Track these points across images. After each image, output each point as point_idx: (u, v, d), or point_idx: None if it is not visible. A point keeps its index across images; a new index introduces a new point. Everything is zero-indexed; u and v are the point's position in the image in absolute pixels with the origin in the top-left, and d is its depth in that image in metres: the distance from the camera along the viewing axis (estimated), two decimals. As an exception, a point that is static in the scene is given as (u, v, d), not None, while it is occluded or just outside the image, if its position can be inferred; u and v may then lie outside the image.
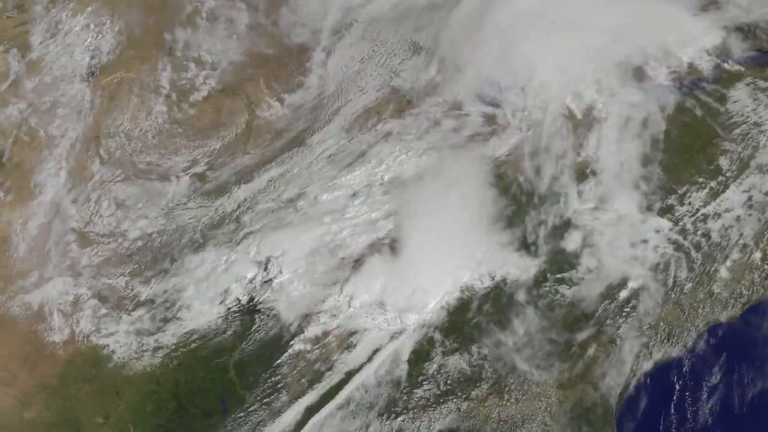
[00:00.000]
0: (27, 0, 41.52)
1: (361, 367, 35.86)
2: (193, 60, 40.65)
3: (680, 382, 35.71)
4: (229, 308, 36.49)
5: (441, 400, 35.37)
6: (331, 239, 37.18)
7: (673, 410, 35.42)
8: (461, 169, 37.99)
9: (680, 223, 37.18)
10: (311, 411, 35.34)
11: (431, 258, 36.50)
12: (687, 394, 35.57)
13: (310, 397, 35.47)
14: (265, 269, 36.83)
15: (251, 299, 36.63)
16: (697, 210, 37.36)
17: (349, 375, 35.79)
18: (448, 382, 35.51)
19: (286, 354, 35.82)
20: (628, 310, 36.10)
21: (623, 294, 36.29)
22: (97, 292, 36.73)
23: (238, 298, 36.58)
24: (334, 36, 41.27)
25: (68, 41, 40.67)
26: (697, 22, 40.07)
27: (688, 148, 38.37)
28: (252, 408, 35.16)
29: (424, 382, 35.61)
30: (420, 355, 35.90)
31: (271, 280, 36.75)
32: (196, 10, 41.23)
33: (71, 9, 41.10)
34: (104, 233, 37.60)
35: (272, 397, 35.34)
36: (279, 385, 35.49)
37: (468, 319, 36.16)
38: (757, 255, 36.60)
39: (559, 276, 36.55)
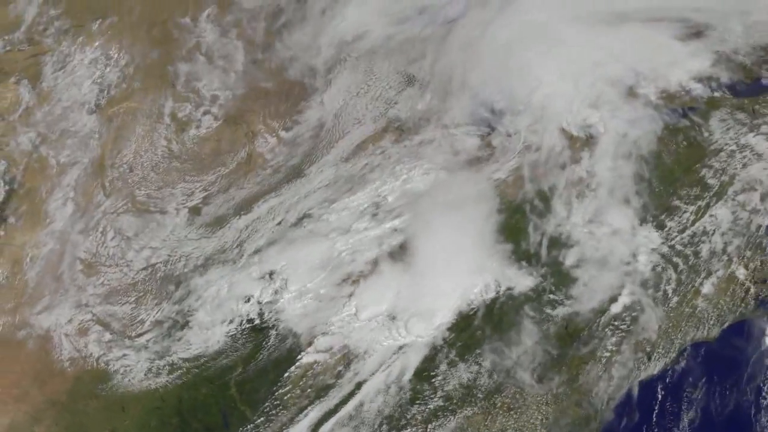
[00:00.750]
0: (37, 32, 43.18)
1: (366, 381, 36.72)
2: (194, 93, 41.99)
3: (662, 396, 36.81)
4: (236, 328, 37.62)
5: (442, 413, 36.21)
6: (337, 254, 38.28)
7: (654, 423, 36.61)
8: (464, 188, 39.24)
9: (669, 239, 38.43)
10: (314, 427, 36.21)
11: (438, 271, 37.50)
12: (668, 404, 36.75)
13: (314, 413, 36.36)
14: (271, 287, 37.97)
15: (257, 317, 37.73)
16: (686, 226, 38.64)
17: (355, 390, 36.66)
18: (450, 394, 36.39)
19: (290, 370, 36.83)
20: (618, 323, 37.17)
21: (615, 309, 37.37)
22: (102, 318, 38.10)
23: (244, 317, 37.70)
24: (329, 71, 42.49)
25: (77, 73, 42.17)
26: (685, 47, 41.61)
27: (678, 166, 39.82)
28: (254, 424, 36.16)
29: (428, 395, 36.47)
30: (425, 368, 36.81)
31: (277, 297, 37.85)
32: (197, 45, 42.71)
33: (80, 42, 42.55)
34: (110, 264, 39.04)
35: (274, 412, 36.31)
36: (283, 400, 36.45)
37: (472, 331, 37.16)
38: (741, 272, 37.82)
39: (555, 290, 37.72)
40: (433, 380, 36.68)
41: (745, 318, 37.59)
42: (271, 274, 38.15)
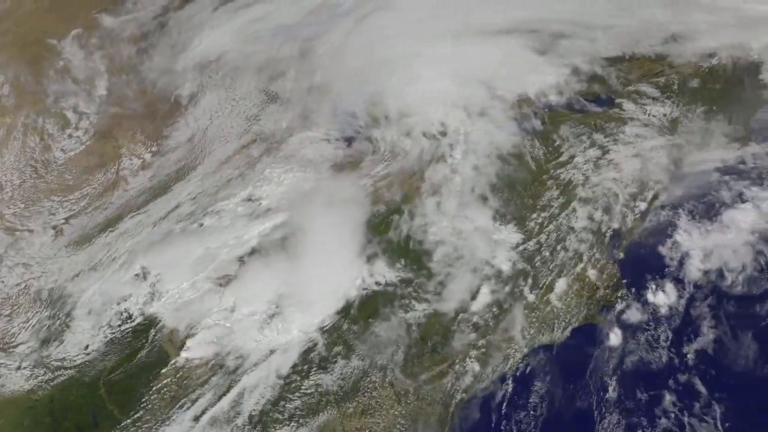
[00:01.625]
0: None
1: (242, 377, 37.61)
2: (62, 112, 43.58)
3: (512, 391, 38.19)
4: (114, 330, 38.76)
5: (311, 407, 37.01)
6: (213, 252, 39.46)
7: (504, 416, 37.91)
8: (337, 190, 40.93)
9: (527, 238, 40.11)
10: (190, 425, 36.80)
11: (315, 267, 38.81)
12: (516, 398, 38.03)
13: (189, 411, 37.10)
14: (145, 286, 39.07)
15: (134, 318, 38.82)
16: (542, 226, 40.43)
17: (230, 386, 37.55)
18: (322, 387, 37.39)
19: (166, 368, 37.80)
20: (477, 320, 38.53)
21: (475, 307, 38.72)
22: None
23: (120, 319, 38.81)
24: (194, 92, 44.28)
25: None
26: (542, 58, 44.07)
27: (535, 169, 41.95)
28: (124, 424, 36.98)
29: (301, 389, 37.37)
30: (301, 362, 37.91)
31: (152, 296, 38.98)
32: (64, 65, 44.35)
33: (-44, 63, 44.30)
34: (-16, 280, 40.42)
35: (149, 408, 37.19)
36: (159, 395, 37.29)
37: (346, 324, 38.46)
38: (591, 273, 39.44)
39: (421, 286, 39.12)
40: (308, 374, 37.56)
41: (590, 321, 39.18)
42: (144, 274, 39.20)
